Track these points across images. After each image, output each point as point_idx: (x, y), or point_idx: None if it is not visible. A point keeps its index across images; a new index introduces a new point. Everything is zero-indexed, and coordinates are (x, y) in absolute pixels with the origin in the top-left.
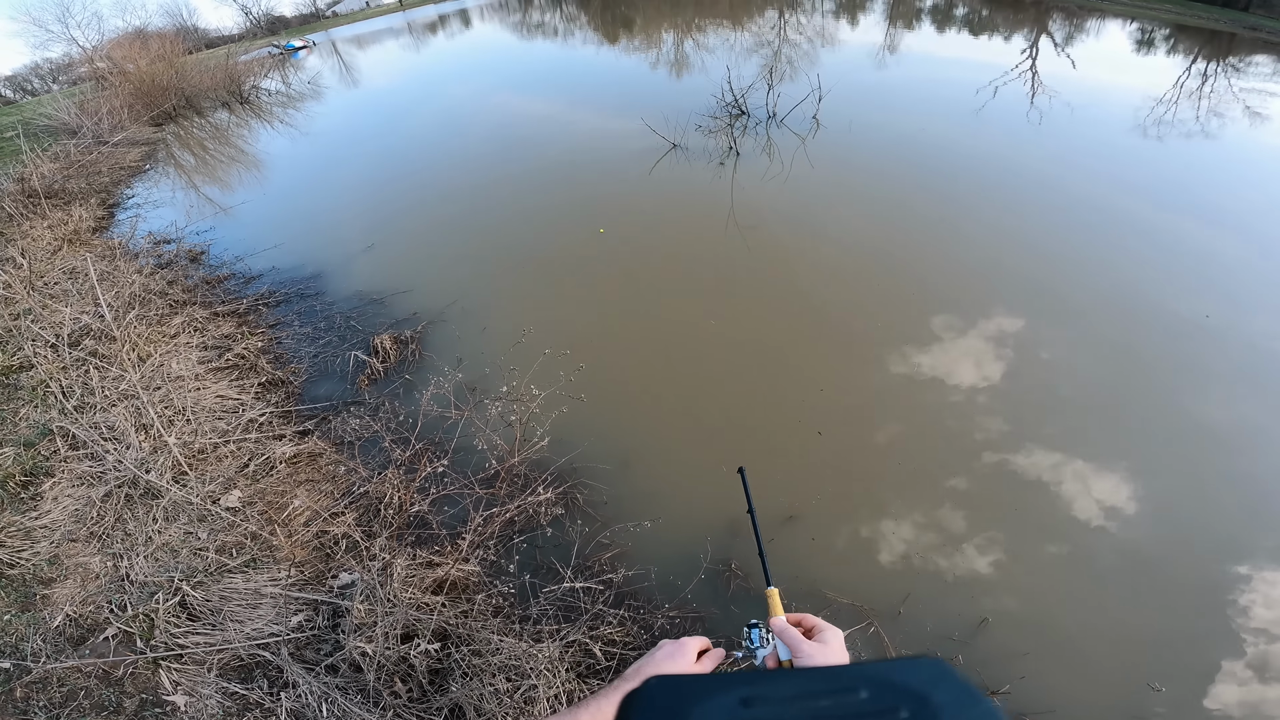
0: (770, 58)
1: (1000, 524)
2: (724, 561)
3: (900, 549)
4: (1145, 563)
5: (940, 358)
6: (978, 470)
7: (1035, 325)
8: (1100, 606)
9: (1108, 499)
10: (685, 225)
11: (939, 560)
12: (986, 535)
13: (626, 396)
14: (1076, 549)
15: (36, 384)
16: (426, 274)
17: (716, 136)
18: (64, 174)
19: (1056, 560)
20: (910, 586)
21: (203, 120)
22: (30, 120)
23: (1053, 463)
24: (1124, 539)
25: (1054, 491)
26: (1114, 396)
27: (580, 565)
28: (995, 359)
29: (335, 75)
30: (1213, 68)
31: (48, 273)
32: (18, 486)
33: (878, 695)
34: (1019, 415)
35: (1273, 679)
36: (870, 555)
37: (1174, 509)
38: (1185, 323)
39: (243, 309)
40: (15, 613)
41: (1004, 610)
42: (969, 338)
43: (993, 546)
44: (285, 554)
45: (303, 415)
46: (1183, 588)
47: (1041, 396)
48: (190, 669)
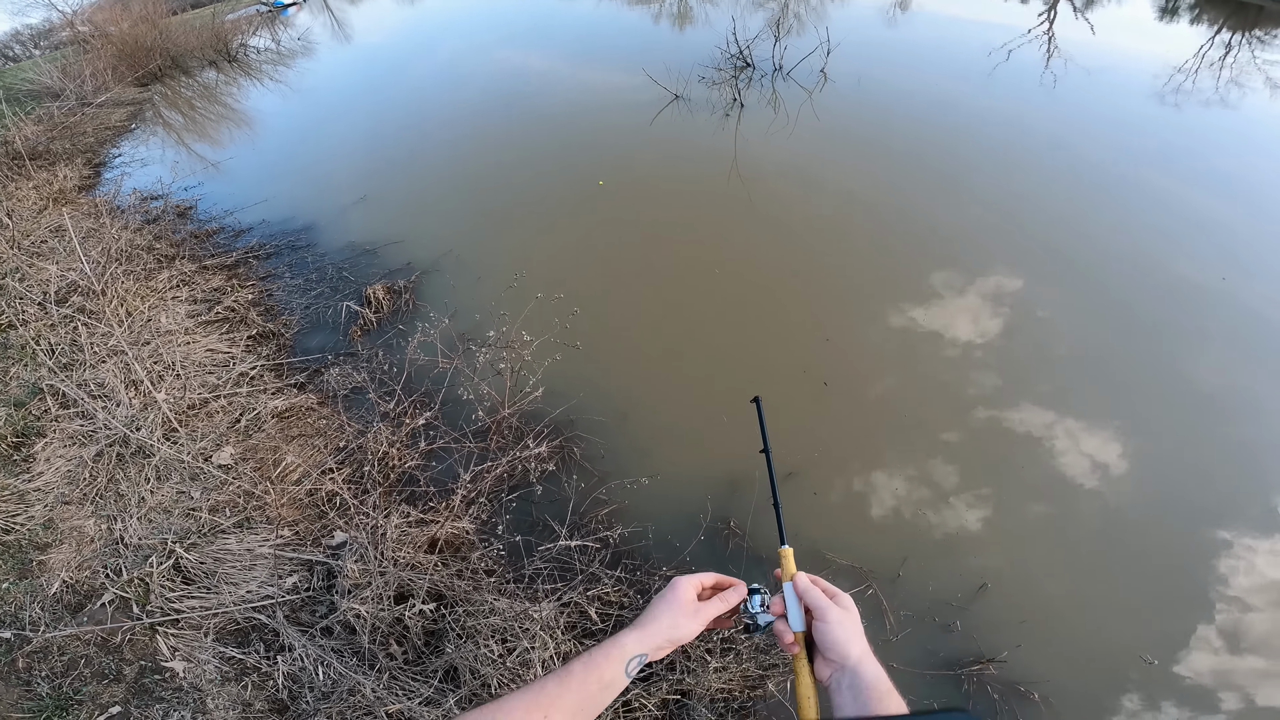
0: (777, 11)
1: (993, 479)
2: (722, 519)
3: (896, 505)
4: (1131, 525)
5: (939, 313)
6: (970, 426)
7: (1035, 285)
8: (1089, 569)
9: (1098, 458)
10: (688, 176)
11: (933, 518)
12: (978, 492)
13: (624, 347)
14: (1065, 509)
15: (24, 343)
16: (421, 225)
17: (720, 88)
18: (48, 136)
19: (1044, 520)
20: (909, 548)
21: (190, 80)
22: (11, 86)
23: (1045, 420)
24: (1112, 500)
25: (1045, 449)
26: (1109, 358)
27: (576, 523)
28: (993, 316)
29: (327, 32)
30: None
31: (33, 232)
32: (10, 448)
33: None
34: (1014, 372)
35: (1247, 649)
36: (868, 512)
37: (1163, 472)
38: (1187, 287)
39: (232, 262)
40: (13, 580)
41: (1000, 572)
42: (968, 295)
43: (984, 502)
44: (277, 513)
45: (294, 368)
46: (1167, 552)
47: (1037, 354)
48: (187, 634)
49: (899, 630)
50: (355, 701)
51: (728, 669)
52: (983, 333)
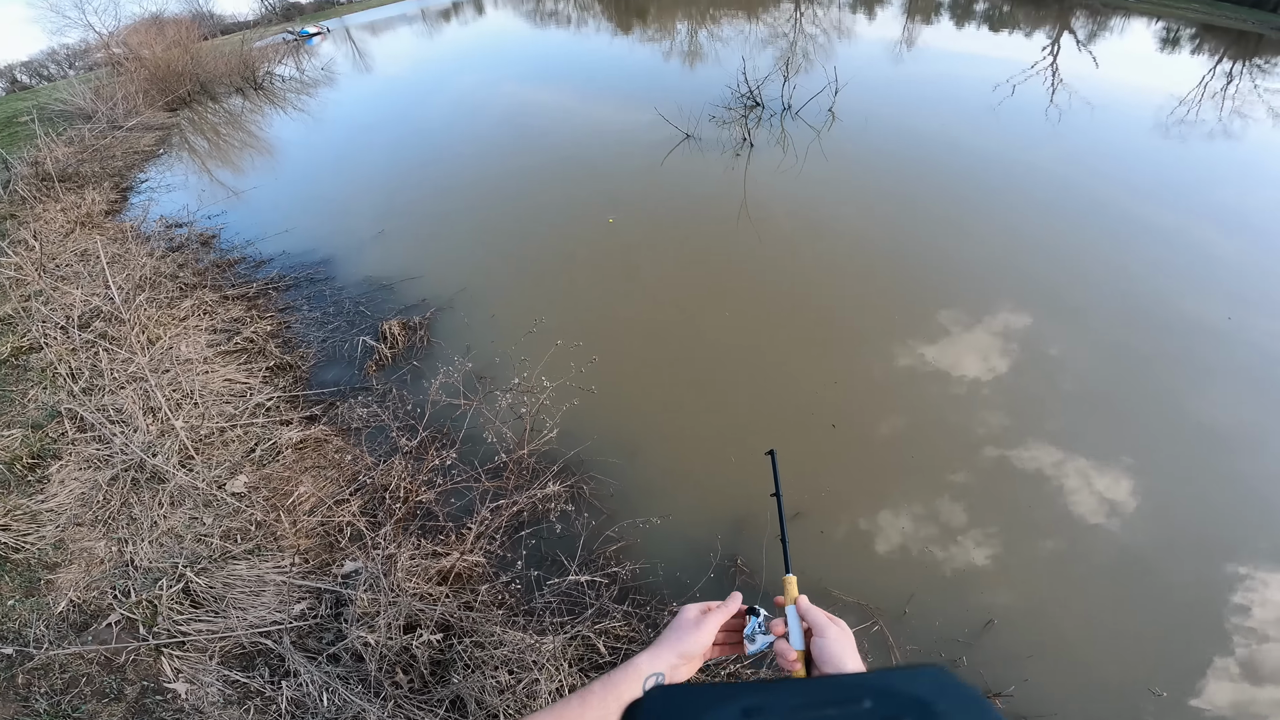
0: (785, 50)
1: (1000, 518)
2: (730, 557)
3: (903, 543)
4: (1143, 560)
5: (946, 351)
6: (977, 465)
7: (1042, 322)
8: (1099, 604)
9: (1108, 495)
10: (697, 217)
11: (940, 554)
12: (986, 530)
13: (636, 389)
14: (1075, 545)
15: (45, 365)
16: (436, 260)
17: (730, 127)
18: (78, 158)
19: (1055, 556)
20: (915, 585)
21: (217, 106)
22: (45, 105)
23: (1054, 459)
24: (1123, 536)
25: (1055, 487)
26: (1118, 395)
27: (586, 559)
28: (1001, 354)
29: (349, 62)
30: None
31: (59, 255)
32: (24, 469)
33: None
34: (1022, 410)
35: (1266, 679)
36: (875, 551)
37: (1174, 508)
38: (1194, 324)
39: (252, 293)
40: (19, 598)
41: (1007, 609)
42: (975, 332)
43: (991, 540)
44: (290, 541)
45: (310, 400)
46: (1179, 586)
47: (1046, 392)
48: (192, 656)
49: None
50: None
51: None
52: (991, 371)
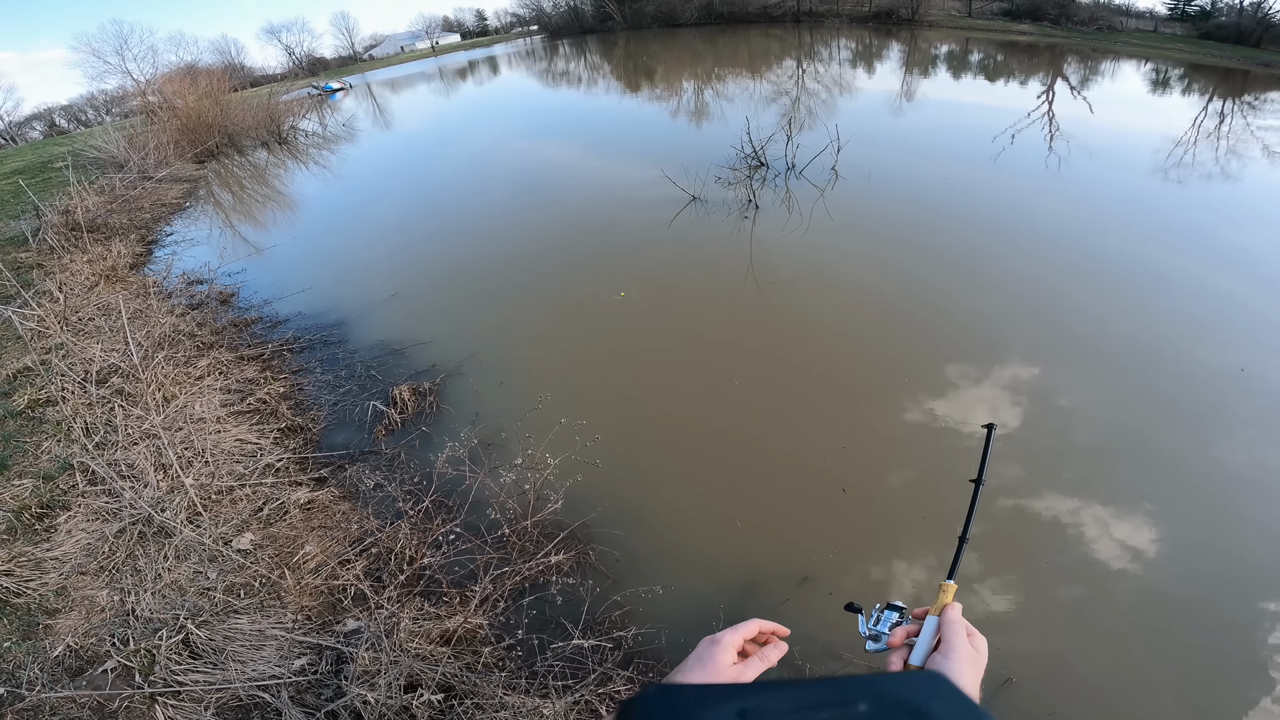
0: (789, 107)
1: (1017, 568)
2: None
3: (918, 594)
4: (1168, 605)
5: (956, 405)
6: (993, 515)
7: (1052, 372)
8: (1123, 650)
9: (1129, 541)
10: (704, 279)
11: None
12: (1004, 579)
13: (642, 458)
14: (1097, 591)
15: (61, 419)
16: (446, 325)
17: (736, 188)
18: (107, 208)
19: (1076, 602)
20: None
21: (242, 159)
22: (80, 151)
23: (1070, 508)
24: (1147, 581)
25: (1072, 535)
26: (1133, 442)
27: (590, 623)
28: (1011, 405)
29: (369, 118)
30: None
31: (83, 308)
32: (33, 518)
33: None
34: (1035, 461)
35: None
36: None
37: (1197, 552)
38: (1206, 368)
39: (267, 354)
40: (16, 640)
41: (1026, 663)
42: (984, 385)
43: (1010, 590)
44: (293, 599)
45: (319, 463)
46: (1207, 630)
47: (1059, 443)
48: (187, 706)
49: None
50: None
51: None
52: (1002, 423)
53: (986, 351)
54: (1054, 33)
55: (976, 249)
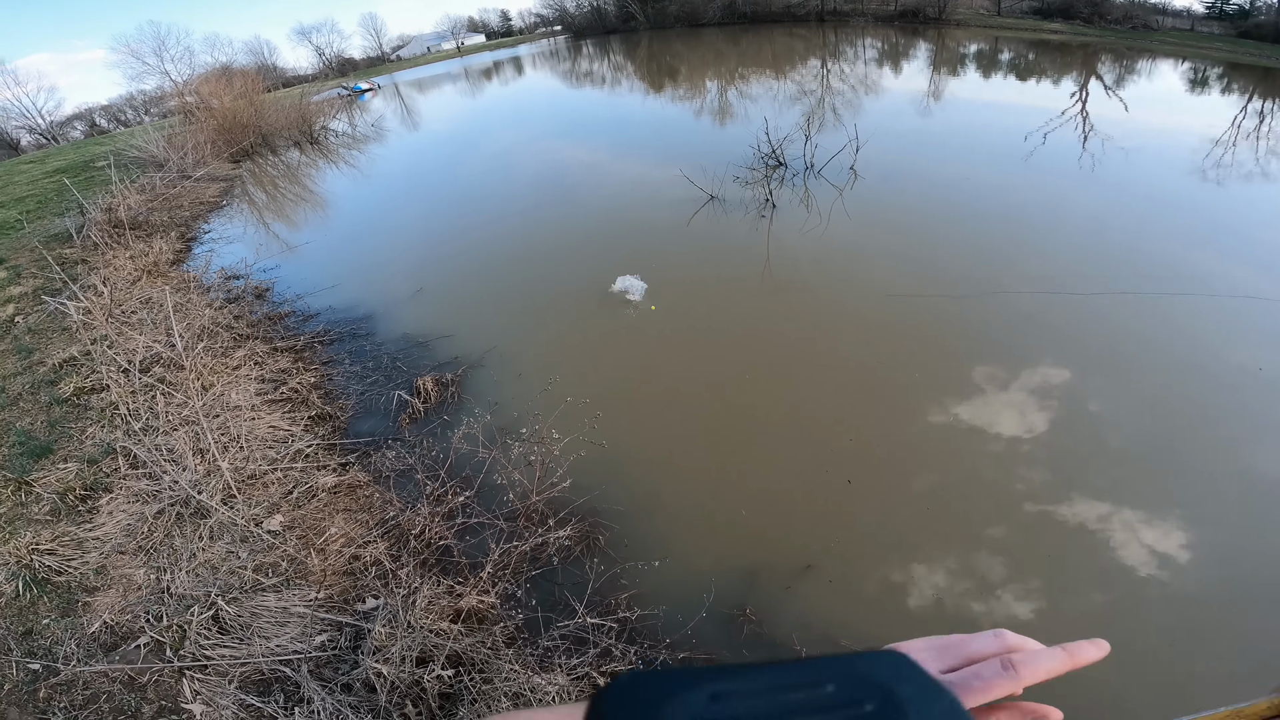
0: (813, 106)
1: (1041, 573)
2: (738, 606)
3: (932, 596)
4: (1198, 612)
5: (981, 409)
6: (1018, 520)
7: (1083, 377)
8: (1149, 655)
9: (1159, 548)
10: (721, 277)
11: (970, 610)
12: (1025, 584)
13: (651, 444)
14: (1124, 598)
15: (106, 405)
16: (469, 320)
17: (754, 188)
18: (148, 206)
19: (1102, 609)
20: None
21: (276, 159)
22: (121, 151)
23: (1099, 513)
24: (1177, 588)
25: (1100, 541)
26: (1167, 448)
27: (595, 602)
28: (1040, 410)
29: (397, 119)
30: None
31: (126, 301)
32: (76, 499)
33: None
34: (1064, 466)
35: None
36: (893, 605)
37: (1230, 557)
38: (1241, 373)
39: (299, 345)
40: (55, 617)
41: None
42: (1012, 390)
43: (1032, 595)
44: (317, 577)
45: (346, 449)
46: (1237, 636)
47: (1089, 447)
48: (212, 680)
49: None
50: None
51: None
52: (1029, 428)
53: (1012, 354)
54: (1086, 31)
55: (1004, 249)
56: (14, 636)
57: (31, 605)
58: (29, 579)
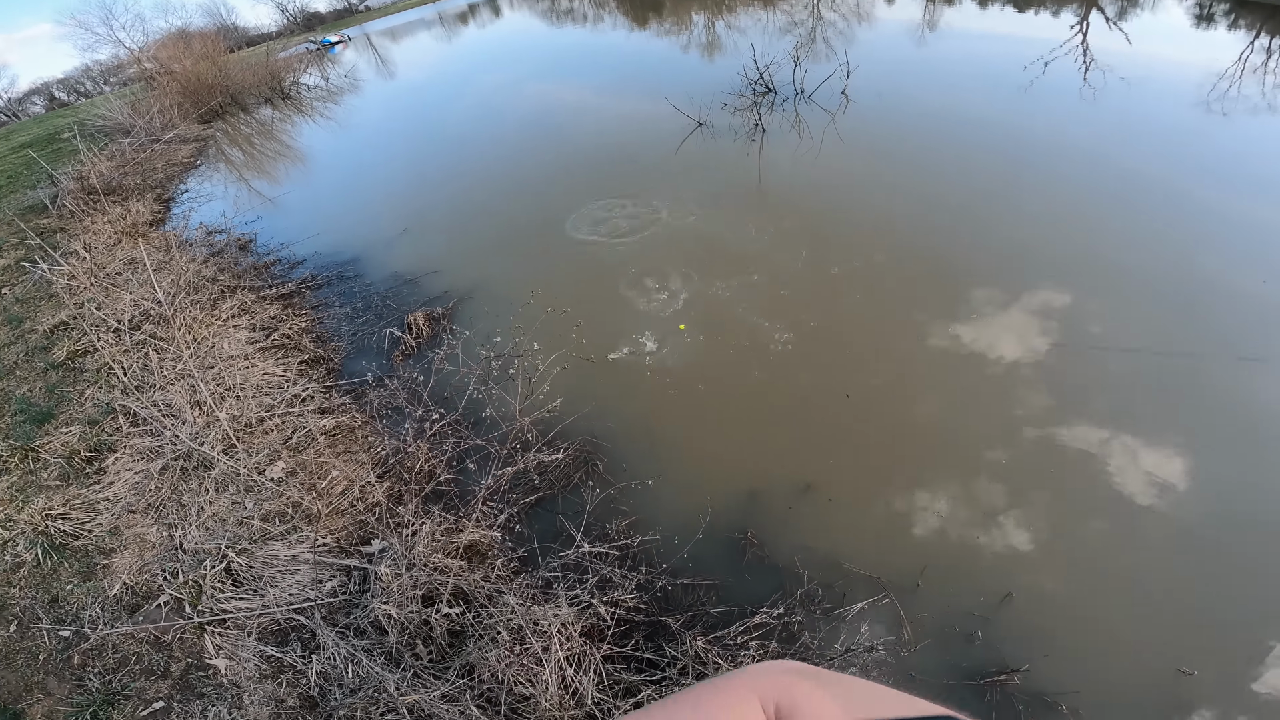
0: (803, 37)
1: (1039, 498)
2: (739, 530)
3: (929, 521)
4: (1194, 542)
5: (981, 332)
6: (1018, 445)
7: (1084, 300)
8: (1139, 585)
9: (1158, 475)
10: (712, 202)
11: (969, 533)
12: (1023, 510)
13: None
14: (1120, 526)
15: (100, 366)
16: (458, 255)
17: (743, 114)
18: (120, 171)
19: (1098, 537)
20: (932, 559)
21: (249, 116)
22: (85, 121)
23: (1100, 438)
24: (1173, 517)
25: (1100, 467)
26: (1168, 373)
27: (593, 529)
28: (1040, 334)
29: (371, 69)
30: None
31: (109, 264)
32: (83, 462)
33: None
34: (1065, 390)
35: None
36: (893, 527)
37: (1229, 487)
38: (1243, 297)
39: (287, 292)
40: (78, 582)
41: (1032, 586)
42: (1012, 312)
43: (1030, 521)
44: (323, 522)
45: (342, 390)
46: (1234, 569)
47: (1090, 372)
48: (232, 633)
49: (917, 641)
50: (380, 698)
51: None
52: (1030, 351)
53: (1014, 278)
54: None
55: (1002, 175)
56: (41, 605)
57: (53, 572)
58: (47, 546)
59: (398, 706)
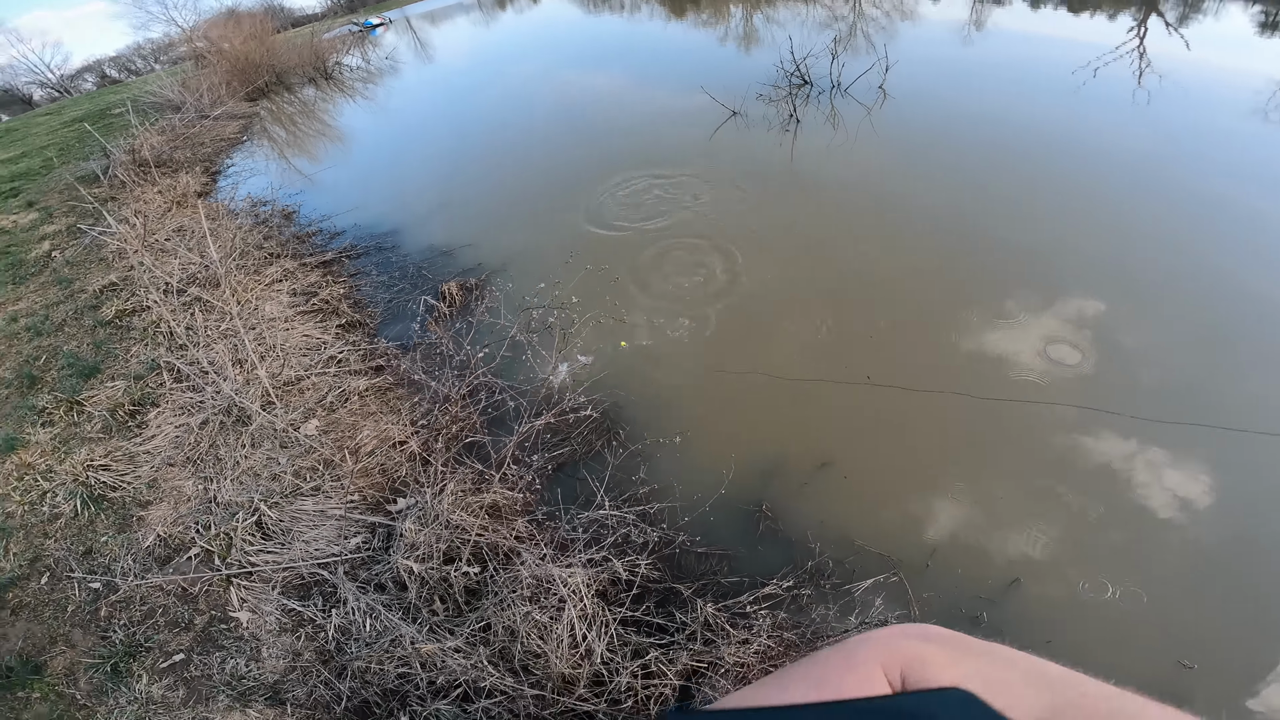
0: (844, 32)
1: (1058, 505)
2: (754, 502)
3: (945, 508)
4: (1212, 559)
5: (1012, 336)
6: (1040, 450)
7: (1120, 310)
8: (1151, 590)
9: (1180, 490)
10: (742, 188)
11: (983, 523)
12: (1040, 513)
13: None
14: (1138, 536)
15: (148, 325)
16: (492, 230)
17: (778, 105)
18: (170, 145)
19: (1115, 545)
20: (944, 542)
21: (292, 96)
22: (138, 97)
23: (1126, 450)
24: (1192, 531)
25: (1122, 479)
26: (1201, 388)
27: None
28: (1072, 341)
29: (411, 52)
30: None
31: (159, 231)
32: (126, 415)
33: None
34: (1094, 399)
35: None
36: (908, 510)
37: (1253, 507)
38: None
39: (328, 260)
40: (112, 534)
41: (1039, 575)
42: (1044, 318)
43: (1045, 525)
44: (351, 480)
45: (376, 353)
46: (1247, 586)
47: (1121, 382)
48: (257, 587)
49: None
50: (396, 652)
51: (748, 643)
52: (1060, 356)
53: (1046, 282)
54: None
55: (1044, 178)
56: (75, 556)
57: (90, 523)
58: (86, 497)
59: (411, 659)
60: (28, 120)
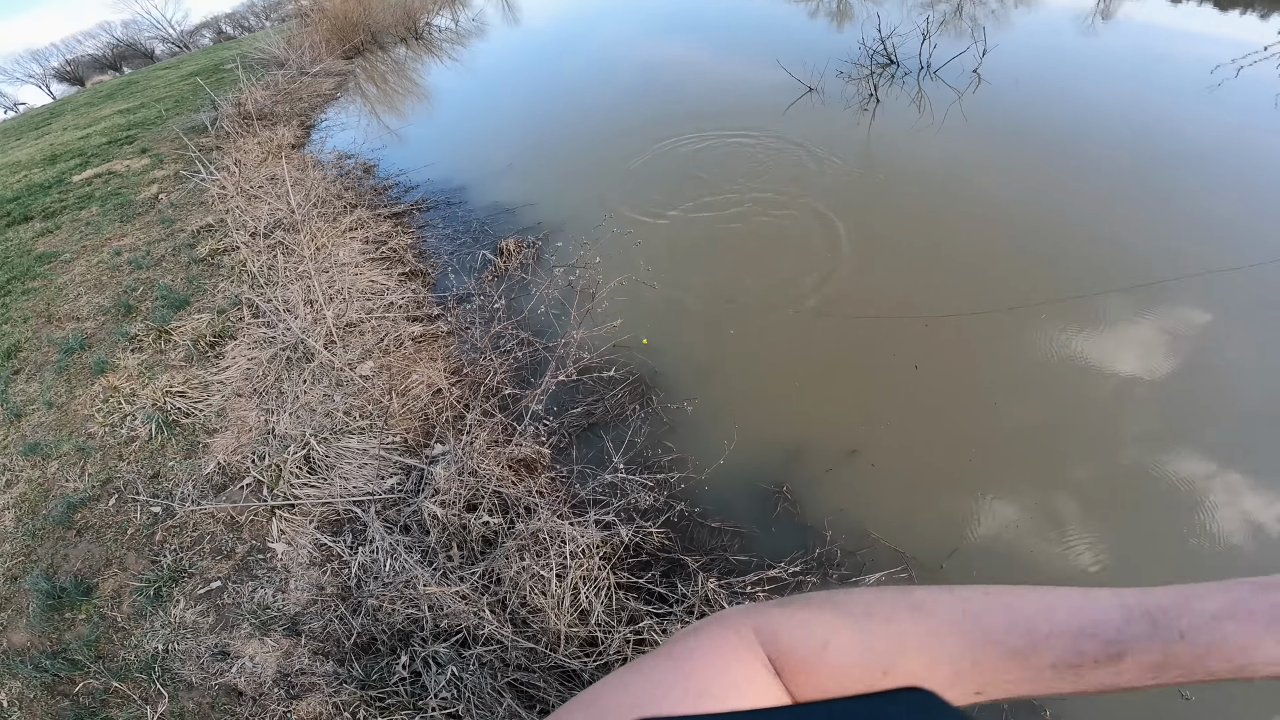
0: (949, 14)
1: (1117, 523)
2: (775, 483)
3: (978, 513)
4: None
5: (1098, 341)
6: (1110, 463)
7: (1227, 324)
8: None
9: (1255, 517)
10: (813, 167)
11: (1013, 535)
12: (1096, 528)
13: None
14: (1203, 561)
15: (235, 264)
16: (555, 192)
17: (859, 84)
18: (272, 100)
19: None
20: (965, 546)
21: (385, 55)
22: (246, 54)
23: (1206, 472)
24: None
25: (1196, 501)
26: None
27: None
28: (1168, 353)
29: (498, 14)
30: None
31: (254, 178)
32: (206, 346)
33: None
34: (1180, 416)
35: None
36: (934, 508)
37: None
38: None
39: (400, 211)
40: (179, 459)
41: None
42: (1139, 325)
43: (1096, 540)
44: (396, 421)
45: (433, 302)
46: None
47: (1216, 401)
48: (296, 519)
49: None
50: (408, 593)
51: None
52: (1151, 369)
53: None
54: None
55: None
56: (143, 480)
57: (161, 448)
58: (162, 421)
59: (421, 601)
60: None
